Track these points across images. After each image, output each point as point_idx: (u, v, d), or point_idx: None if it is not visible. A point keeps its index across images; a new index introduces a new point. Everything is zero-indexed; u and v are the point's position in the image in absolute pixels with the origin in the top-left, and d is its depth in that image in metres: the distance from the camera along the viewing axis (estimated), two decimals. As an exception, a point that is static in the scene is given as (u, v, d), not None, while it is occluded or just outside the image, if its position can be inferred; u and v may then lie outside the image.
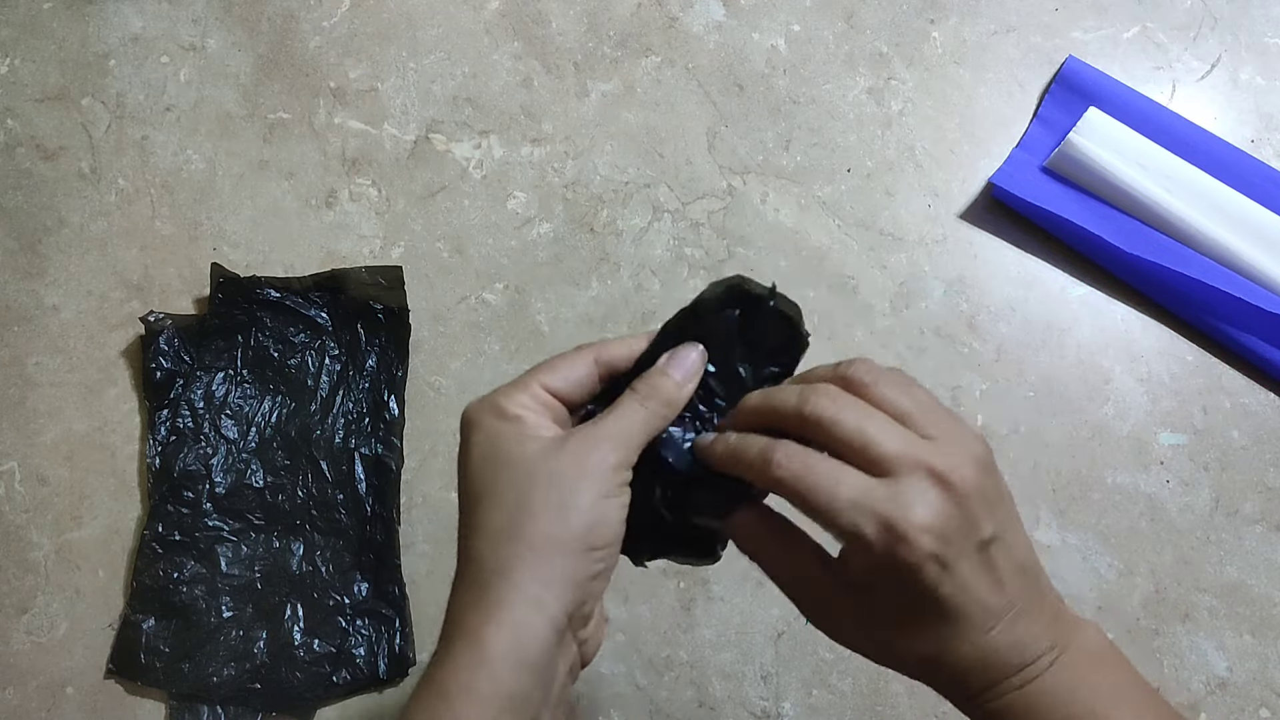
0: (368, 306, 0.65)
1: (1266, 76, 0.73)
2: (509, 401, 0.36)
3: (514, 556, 0.33)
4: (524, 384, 0.37)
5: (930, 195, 0.70)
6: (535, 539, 0.33)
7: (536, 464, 0.34)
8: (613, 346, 0.38)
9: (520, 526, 0.33)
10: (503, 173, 0.70)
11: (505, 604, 0.33)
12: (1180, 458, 0.64)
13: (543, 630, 0.33)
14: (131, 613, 0.59)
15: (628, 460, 0.35)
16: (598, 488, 0.34)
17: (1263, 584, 0.62)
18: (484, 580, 0.33)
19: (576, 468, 0.34)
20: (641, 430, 0.36)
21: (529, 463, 0.34)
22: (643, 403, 0.36)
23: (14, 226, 0.68)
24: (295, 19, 0.73)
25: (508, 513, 0.34)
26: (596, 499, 0.34)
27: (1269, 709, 0.59)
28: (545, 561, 0.33)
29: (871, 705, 0.59)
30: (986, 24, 0.74)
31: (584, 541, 0.33)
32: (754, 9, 0.74)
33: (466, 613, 0.33)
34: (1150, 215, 0.67)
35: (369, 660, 0.59)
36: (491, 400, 0.36)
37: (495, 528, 0.34)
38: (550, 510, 0.33)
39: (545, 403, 0.37)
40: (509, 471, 0.34)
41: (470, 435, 0.36)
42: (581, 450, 0.34)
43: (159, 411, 0.62)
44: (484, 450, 0.35)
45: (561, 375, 0.37)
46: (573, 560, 0.33)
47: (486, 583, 0.33)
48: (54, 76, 0.71)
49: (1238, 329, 0.65)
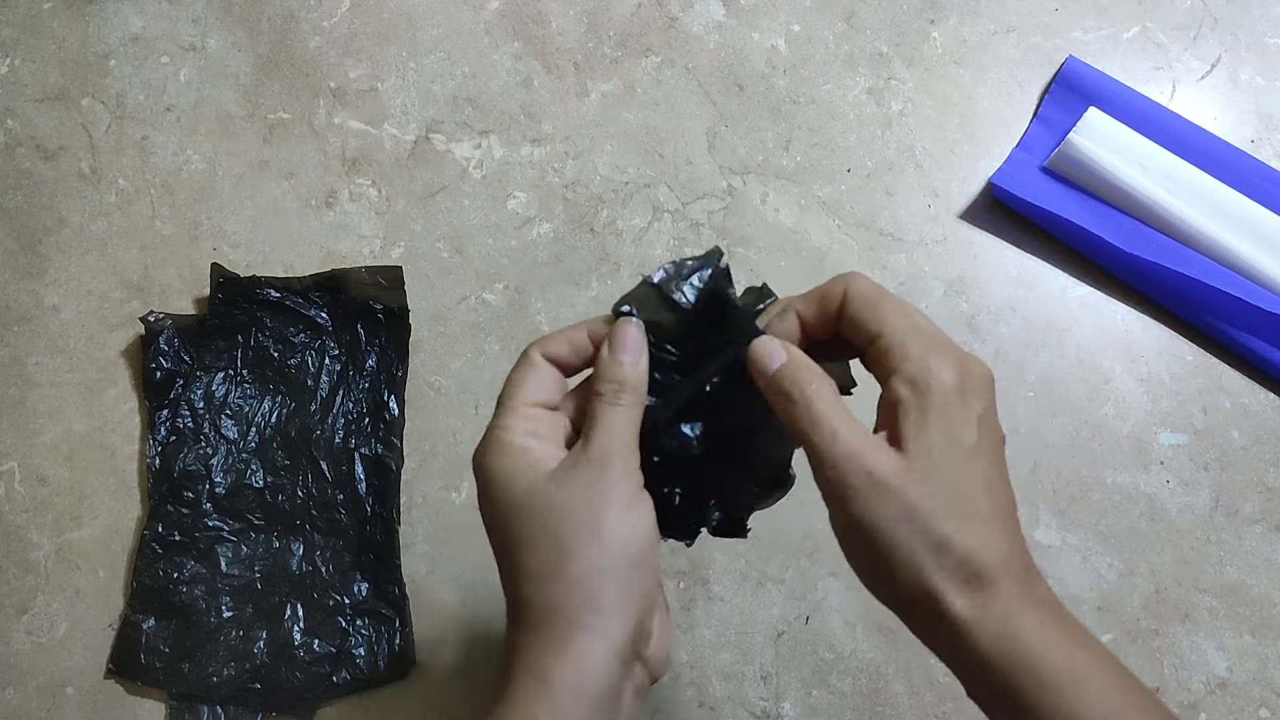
0: (368, 306, 0.65)
1: (1266, 76, 0.73)
2: (508, 434, 0.37)
3: (563, 593, 0.34)
4: (508, 408, 0.38)
5: (930, 195, 0.70)
6: (579, 573, 0.34)
7: (556, 500, 0.35)
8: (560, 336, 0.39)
9: (561, 564, 0.34)
10: (503, 173, 0.70)
11: (564, 637, 0.34)
12: (1180, 458, 0.64)
13: (605, 657, 0.34)
14: (131, 613, 0.59)
15: (632, 465, 0.36)
16: (618, 505, 0.35)
17: (1263, 584, 0.62)
18: (539, 620, 0.34)
19: (592, 493, 0.35)
20: (626, 427, 0.36)
21: (548, 501, 0.35)
22: (613, 402, 0.37)
23: (14, 226, 0.68)
24: (295, 19, 0.73)
25: (545, 554, 0.35)
26: (621, 515, 0.35)
27: (1269, 709, 0.59)
28: (595, 590, 0.34)
29: (871, 705, 0.59)
30: (986, 24, 0.74)
31: (624, 559, 0.34)
32: (754, 9, 0.74)
33: (526, 652, 0.34)
34: (1150, 215, 0.67)
35: (369, 660, 0.59)
36: (491, 439, 0.37)
37: (537, 571, 0.35)
38: (584, 542, 0.34)
39: (539, 418, 0.38)
40: (532, 513, 0.35)
41: (486, 485, 0.37)
42: (589, 475, 0.35)
43: (159, 411, 0.62)
44: (503, 496, 0.36)
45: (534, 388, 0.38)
46: (619, 581, 0.34)
47: (541, 621, 0.34)
48: (54, 76, 0.71)
49: (1238, 329, 0.65)
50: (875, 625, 0.60)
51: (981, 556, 0.33)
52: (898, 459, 0.34)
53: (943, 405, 0.34)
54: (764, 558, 0.61)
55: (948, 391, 0.34)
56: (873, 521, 0.34)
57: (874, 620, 0.60)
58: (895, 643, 0.60)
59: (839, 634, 0.60)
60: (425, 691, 0.59)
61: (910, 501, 0.33)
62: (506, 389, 0.38)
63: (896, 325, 0.36)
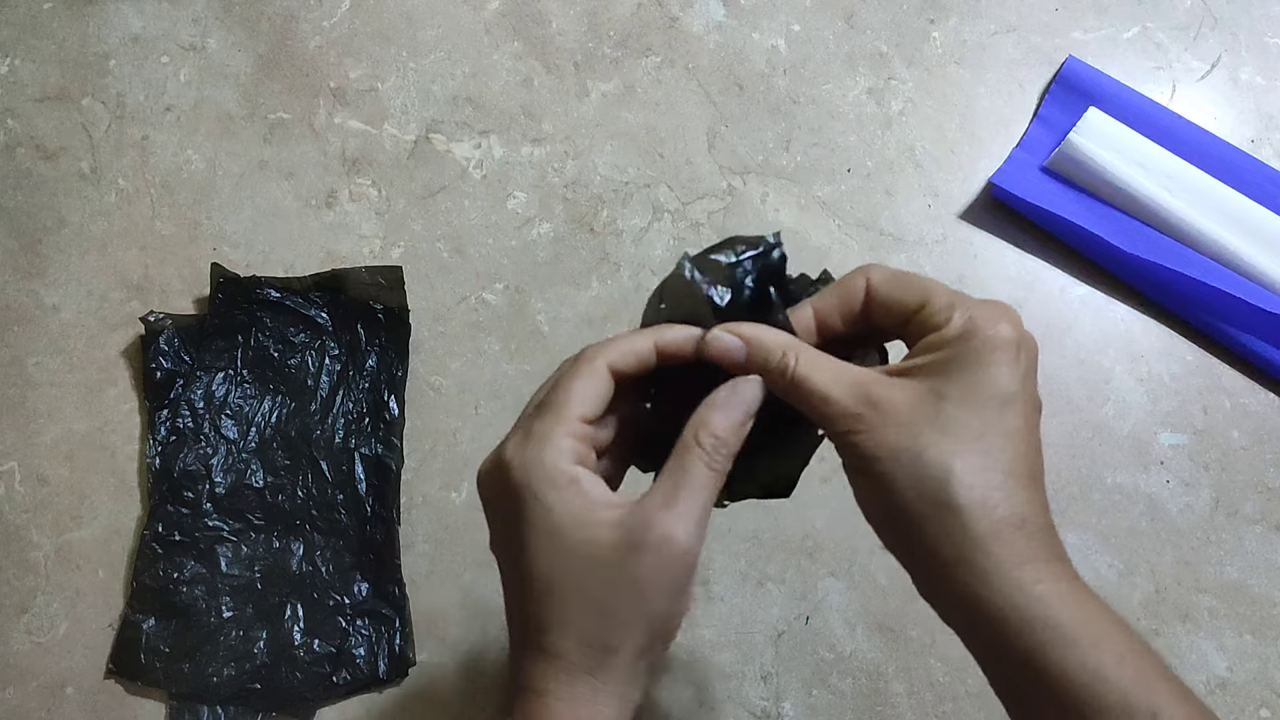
0: (368, 306, 0.65)
1: (1266, 76, 0.73)
2: (557, 454, 0.34)
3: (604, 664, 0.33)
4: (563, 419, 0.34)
5: (930, 195, 0.70)
6: (625, 649, 0.33)
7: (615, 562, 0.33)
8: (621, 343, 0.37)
9: (609, 635, 0.33)
10: (503, 173, 0.70)
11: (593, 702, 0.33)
12: (1180, 458, 0.64)
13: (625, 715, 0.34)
14: (131, 613, 0.59)
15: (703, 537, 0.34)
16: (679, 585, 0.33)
17: (1263, 584, 0.62)
18: (570, 675, 0.33)
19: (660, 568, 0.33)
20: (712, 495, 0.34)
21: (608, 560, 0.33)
22: (711, 465, 0.34)
23: (14, 226, 0.68)
24: (295, 19, 0.73)
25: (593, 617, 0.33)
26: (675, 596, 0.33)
27: (1269, 709, 0.59)
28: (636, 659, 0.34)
29: (871, 705, 0.59)
30: (986, 24, 0.74)
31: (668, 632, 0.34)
32: (754, 9, 0.74)
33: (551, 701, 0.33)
34: (1150, 215, 0.67)
35: (369, 660, 0.59)
36: (538, 454, 0.34)
37: (581, 630, 0.33)
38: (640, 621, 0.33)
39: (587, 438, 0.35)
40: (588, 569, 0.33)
41: (526, 507, 0.33)
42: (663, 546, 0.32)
43: (159, 411, 0.62)
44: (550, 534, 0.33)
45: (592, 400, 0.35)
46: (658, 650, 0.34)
47: (574, 679, 0.33)
48: (54, 76, 0.71)
49: (1238, 329, 0.65)
50: (875, 625, 0.60)
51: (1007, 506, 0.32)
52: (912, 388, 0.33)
53: (992, 348, 0.33)
54: (764, 558, 0.61)
55: (1002, 339, 0.33)
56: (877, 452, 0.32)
57: (874, 620, 0.60)
58: (895, 643, 0.60)
59: (839, 634, 0.60)
60: (425, 691, 0.59)
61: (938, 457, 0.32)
62: (560, 394, 0.34)
63: (941, 290, 0.35)
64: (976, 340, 0.33)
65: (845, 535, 0.61)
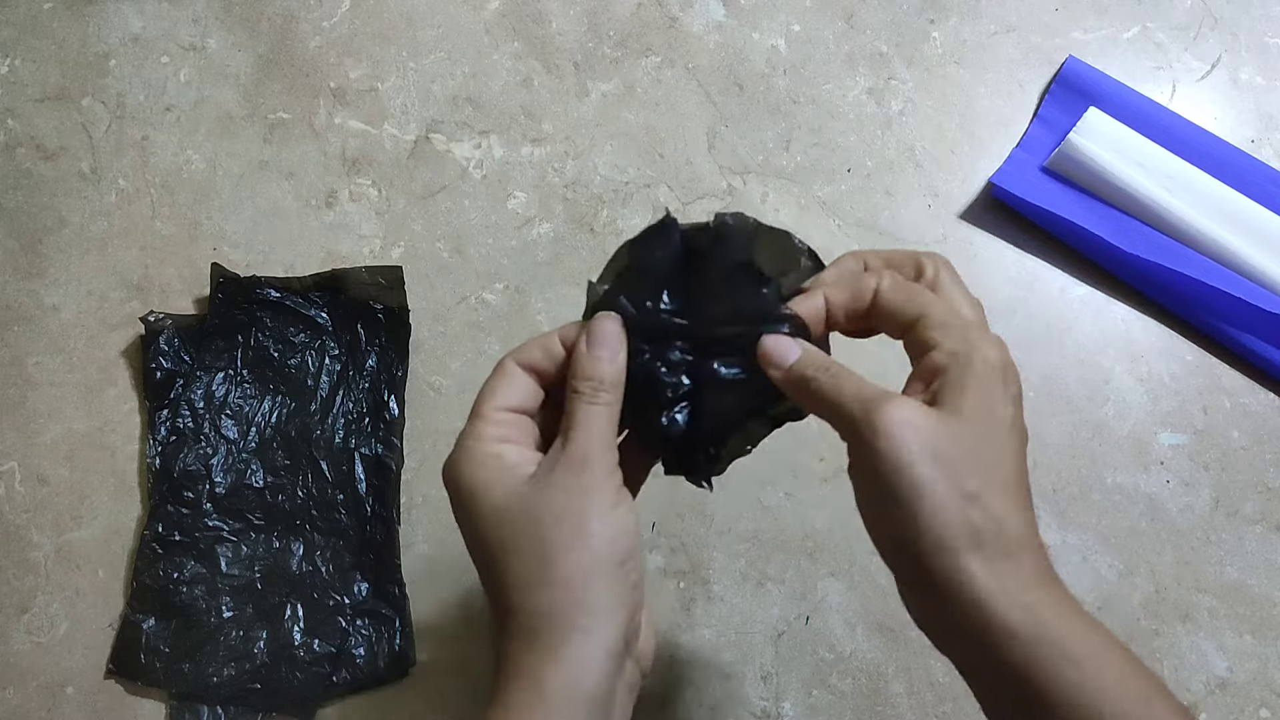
0: (368, 306, 0.65)
1: (1266, 76, 0.73)
2: (477, 442, 0.36)
3: (552, 598, 0.34)
4: (479, 414, 0.37)
5: (930, 195, 0.70)
6: (566, 576, 0.34)
7: (536, 504, 0.35)
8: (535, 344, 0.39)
9: (547, 569, 0.34)
10: (503, 173, 0.70)
11: (557, 642, 0.33)
12: (1180, 458, 0.64)
13: (599, 658, 0.33)
14: (131, 613, 0.59)
15: (612, 463, 0.36)
16: (601, 504, 0.35)
17: (1263, 584, 0.62)
18: (530, 626, 0.34)
19: (573, 494, 0.35)
20: (606, 425, 0.36)
21: (529, 505, 0.35)
22: (591, 400, 0.36)
23: (14, 226, 0.68)
24: (295, 19, 0.73)
25: (530, 560, 0.34)
26: (606, 515, 0.35)
27: (1269, 709, 0.59)
28: (583, 592, 0.34)
29: (871, 705, 0.59)
30: (986, 24, 0.74)
31: (611, 559, 0.34)
32: (754, 9, 0.74)
33: (519, 659, 0.34)
34: (1150, 215, 0.67)
35: (369, 660, 0.59)
36: (462, 449, 0.37)
37: (524, 578, 0.34)
38: (568, 544, 0.34)
39: (508, 422, 0.37)
40: (515, 520, 0.35)
41: (459, 496, 0.37)
42: (569, 477, 0.35)
43: (159, 411, 0.62)
44: (480, 505, 0.36)
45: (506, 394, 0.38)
46: (608, 581, 0.34)
47: (533, 628, 0.34)
48: (54, 76, 0.71)
49: (1238, 329, 0.65)
50: (875, 625, 0.60)
51: (1008, 523, 0.32)
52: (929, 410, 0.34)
53: (985, 374, 0.34)
54: (764, 558, 0.61)
55: (990, 364, 0.34)
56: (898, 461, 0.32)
57: (874, 620, 0.60)
58: (895, 643, 0.60)
59: (839, 634, 0.60)
60: (425, 691, 0.59)
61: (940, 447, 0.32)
62: (479, 396, 0.38)
63: (937, 309, 0.36)
64: (971, 369, 0.34)
65: (845, 535, 0.61)
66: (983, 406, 0.33)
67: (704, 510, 0.62)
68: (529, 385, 0.38)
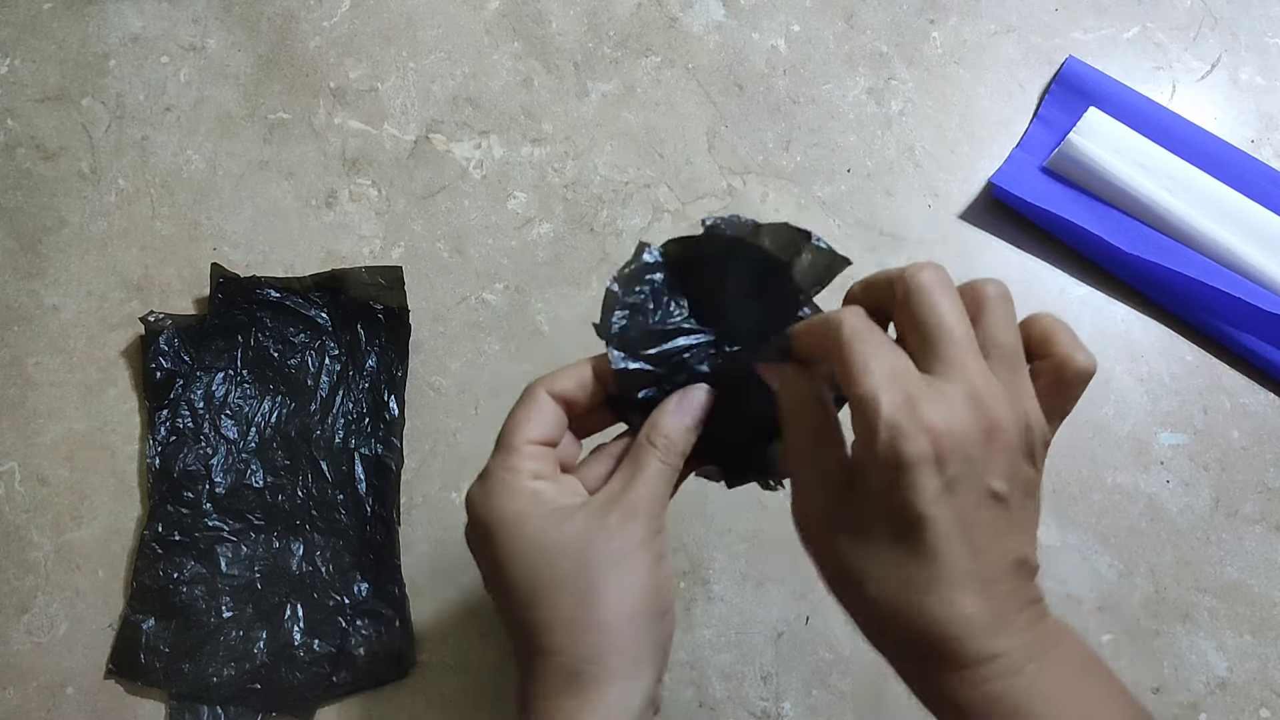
0: (368, 306, 0.65)
1: (1266, 76, 0.73)
2: (514, 476, 0.36)
3: (600, 642, 0.34)
4: (512, 447, 0.37)
5: (930, 195, 0.70)
6: (613, 621, 0.34)
7: (587, 546, 0.34)
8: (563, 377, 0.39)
9: (594, 613, 0.34)
10: (503, 173, 0.70)
11: (602, 688, 0.33)
12: (1180, 458, 0.64)
13: (639, 704, 0.34)
14: (131, 613, 0.59)
15: (663, 520, 0.36)
16: (651, 557, 0.35)
17: (1263, 584, 0.62)
18: (571, 668, 0.34)
19: (627, 543, 0.34)
20: (666, 485, 0.36)
21: (579, 546, 0.34)
22: (663, 459, 0.36)
23: (14, 226, 0.68)
24: (295, 19, 0.73)
25: (575, 601, 0.34)
26: (653, 567, 0.35)
27: (1269, 709, 0.59)
28: (629, 639, 0.34)
29: (871, 705, 0.59)
30: (986, 24, 0.74)
31: (655, 609, 0.35)
32: (754, 9, 0.74)
33: (556, 701, 0.34)
34: (1150, 215, 0.67)
35: (369, 660, 0.59)
36: (496, 481, 0.36)
37: (568, 619, 0.34)
38: (619, 590, 0.34)
39: (541, 456, 0.37)
40: (561, 561, 0.34)
41: (496, 531, 0.36)
42: (625, 525, 0.35)
43: (159, 411, 0.62)
44: (522, 543, 0.35)
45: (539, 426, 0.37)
46: (650, 629, 0.34)
47: (576, 670, 0.34)
48: (54, 76, 0.71)
49: (1238, 329, 0.65)
50: (875, 625, 0.60)
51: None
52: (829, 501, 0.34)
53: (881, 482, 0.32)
54: (764, 558, 0.61)
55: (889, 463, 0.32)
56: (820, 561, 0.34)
57: (874, 620, 0.60)
58: (895, 643, 0.60)
59: (839, 634, 0.60)
60: (425, 691, 0.59)
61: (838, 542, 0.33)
62: (510, 426, 0.37)
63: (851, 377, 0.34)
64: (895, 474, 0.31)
65: (845, 535, 0.61)
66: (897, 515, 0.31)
67: (704, 510, 0.62)
68: (558, 416, 0.38)
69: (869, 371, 0.31)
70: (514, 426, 0.37)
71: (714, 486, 0.41)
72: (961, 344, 0.32)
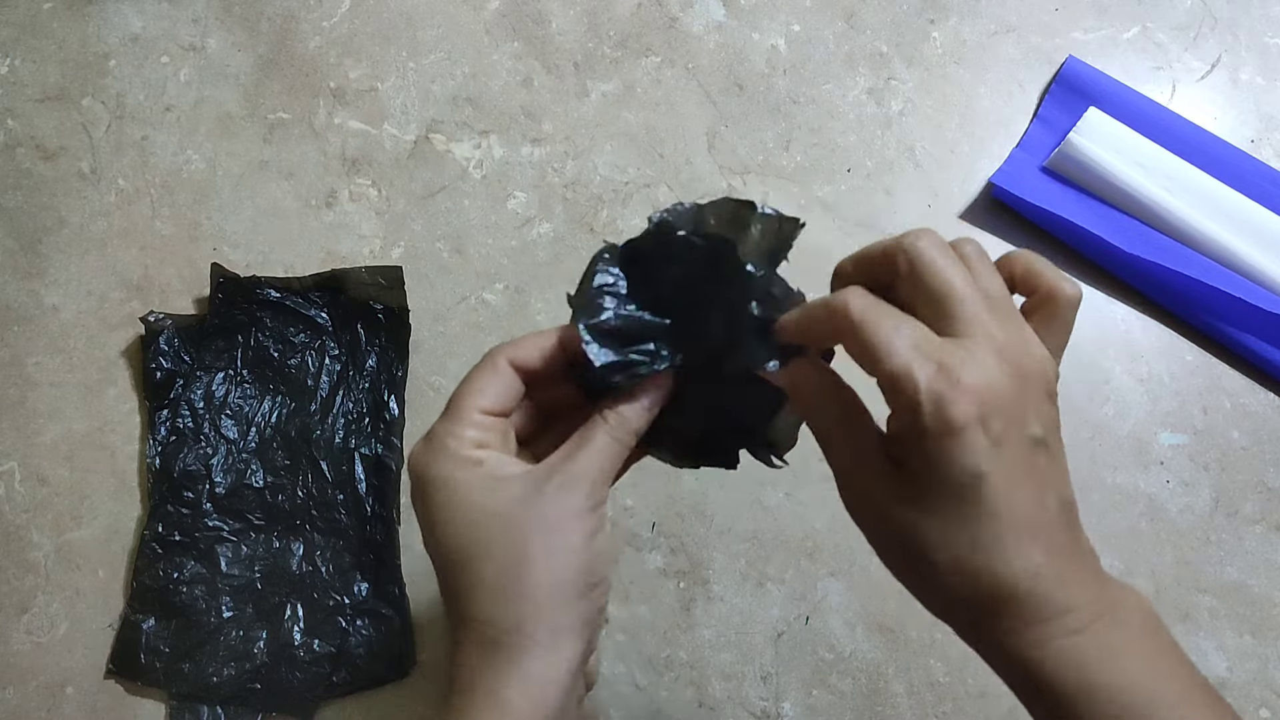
0: (368, 306, 0.65)
1: (1266, 76, 0.73)
2: (458, 443, 0.35)
3: (522, 611, 0.33)
4: (460, 414, 0.36)
5: (930, 195, 0.70)
6: (540, 590, 0.33)
7: (520, 513, 0.34)
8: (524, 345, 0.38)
9: (522, 580, 0.33)
10: (503, 173, 0.70)
11: (522, 659, 0.33)
12: (1180, 458, 0.64)
13: (562, 678, 0.33)
14: (131, 613, 0.59)
15: (604, 495, 0.35)
16: (586, 528, 0.34)
17: (1263, 584, 0.62)
18: (495, 638, 0.33)
19: (562, 511, 0.34)
20: (614, 461, 0.36)
21: (511, 513, 0.34)
22: (613, 435, 0.36)
23: (14, 226, 0.68)
24: (295, 19, 0.73)
25: (505, 568, 0.33)
26: (588, 539, 0.34)
27: (1269, 709, 0.59)
28: (554, 610, 0.33)
29: (871, 705, 0.59)
30: (986, 24, 0.74)
31: (586, 582, 0.34)
32: (754, 9, 0.74)
33: (482, 673, 0.33)
34: (1150, 215, 0.67)
35: (369, 660, 0.59)
36: (439, 445, 0.35)
37: (495, 585, 0.33)
38: (548, 559, 0.33)
39: (491, 427, 0.36)
40: (492, 525, 0.34)
41: (432, 492, 0.35)
42: (563, 494, 0.34)
43: (159, 411, 0.62)
44: (456, 507, 0.34)
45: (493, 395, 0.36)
46: (579, 602, 0.34)
47: (498, 641, 0.33)
48: (54, 76, 0.71)
49: (1238, 329, 0.65)
50: (875, 625, 0.60)
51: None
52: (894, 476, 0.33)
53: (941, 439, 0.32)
54: (764, 558, 0.61)
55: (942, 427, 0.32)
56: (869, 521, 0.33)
57: (874, 620, 0.60)
58: (895, 643, 0.60)
59: (839, 634, 0.60)
60: (425, 691, 0.59)
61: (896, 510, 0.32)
62: (462, 391, 0.36)
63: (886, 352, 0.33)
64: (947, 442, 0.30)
65: (845, 535, 0.61)
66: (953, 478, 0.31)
67: (704, 510, 0.62)
68: (514, 384, 0.37)
69: (894, 348, 0.31)
70: (466, 392, 0.36)
71: (714, 486, 0.41)
72: (975, 303, 0.32)
